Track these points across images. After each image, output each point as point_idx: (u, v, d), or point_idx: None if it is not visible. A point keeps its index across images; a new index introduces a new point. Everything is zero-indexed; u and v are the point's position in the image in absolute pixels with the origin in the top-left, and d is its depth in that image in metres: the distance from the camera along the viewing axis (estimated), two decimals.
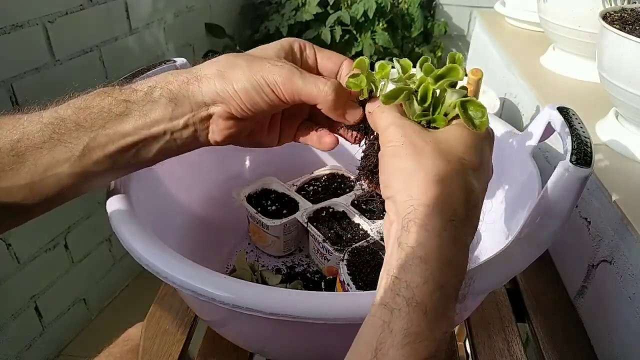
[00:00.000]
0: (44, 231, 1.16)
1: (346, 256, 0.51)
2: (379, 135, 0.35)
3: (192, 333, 0.54)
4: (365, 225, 0.60)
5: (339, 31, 1.71)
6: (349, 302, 0.33)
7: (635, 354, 0.48)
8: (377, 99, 0.37)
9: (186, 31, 1.61)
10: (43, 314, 1.20)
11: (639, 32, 0.56)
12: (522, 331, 0.54)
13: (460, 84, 0.36)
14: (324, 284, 0.59)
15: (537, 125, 0.50)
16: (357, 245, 0.53)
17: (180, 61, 0.56)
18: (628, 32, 0.54)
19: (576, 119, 0.45)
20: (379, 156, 0.34)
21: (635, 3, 0.66)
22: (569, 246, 0.61)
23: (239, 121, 0.39)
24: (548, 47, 0.92)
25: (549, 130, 0.49)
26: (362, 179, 0.40)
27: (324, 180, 0.69)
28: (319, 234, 0.58)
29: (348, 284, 0.48)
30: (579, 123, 0.45)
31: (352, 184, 0.68)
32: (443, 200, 0.30)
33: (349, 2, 1.76)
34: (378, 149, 0.35)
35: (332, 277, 0.59)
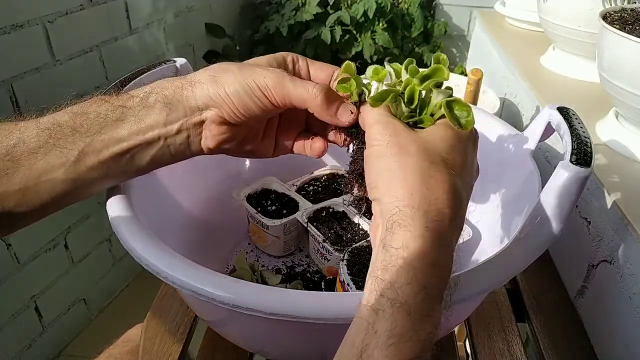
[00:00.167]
0: (44, 231, 1.16)
1: (346, 256, 0.51)
2: None
3: (192, 333, 0.54)
4: (365, 225, 0.60)
5: (339, 31, 1.71)
6: (348, 302, 0.33)
7: (636, 354, 0.48)
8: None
9: (186, 31, 1.61)
10: (43, 314, 1.20)
11: (639, 32, 0.56)
12: (522, 331, 0.54)
13: (446, 84, 0.36)
14: (324, 284, 0.59)
15: (537, 125, 0.50)
16: (357, 245, 0.53)
17: (180, 61, 0.56)
18: (628, 32, 0.54)
19: (576, 119, 0.45)
20: (365, 155, 0.34)
21: (635, 3, 0.66)
22: (569, 246, 0.61)
23: (232, 127, 0.39)
24: (548, 47, 0.92)
25: (549, 130, 0.49)
26: (352, 183, 0.40)
27: (324, 180, 0.69)
28: (319, 234, 0.58)
29: (348, 284, 0.48)
30: (579, 123, 0.45)
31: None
32: (427, 200, 0.30)
33: (349, 2, 1.76)
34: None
35: (332, 277, 0.59)
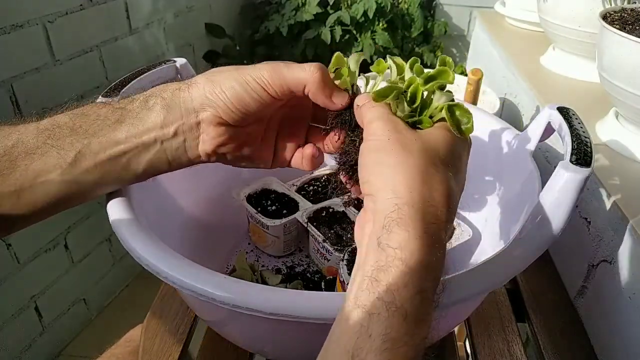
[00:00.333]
0: (44, 231, 1.16)
1: (346, 256, 0.51)
2: (362, 131, 0.35)
3: (192, 333, 0.54)
4: None
5: (339, 31, 1.71)
6: None
7: (635, 353, 0.48)
8: (366, 94, 0.37)
9: (186, 31, 1.61)
10: (43, 314, 1.20)
11: (639, 32, 0.56)
12: (522, 331, 0.54)
13: (449, 87, 0.36)
14: (324, 284, 0.59)
15: (537, 125, 0.50)
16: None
17: (180, 61, 0.56)
18: (628, 32, 0.54)
19: (576, 119, 0.45)
20: (360, 149, 0.34)
21: (635, 3, 0.66)
22: (569, 246, 0.61)
23: (229, 128, 0.38)
24: (548, 47, 0.92)
25: (549, 130, 0.49)
26: (341, 175, 0.39)
27: (324, 180, 0.69)
28: (319, 234, 0.58)
29: (348, 284, 0.48)
30: (579, 123, 0.45)
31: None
32: (427, 201, 0.29)
33: (349, 2, 1.76)
34: (360, 145, 0.34)
35: (332, 277, 0.59)
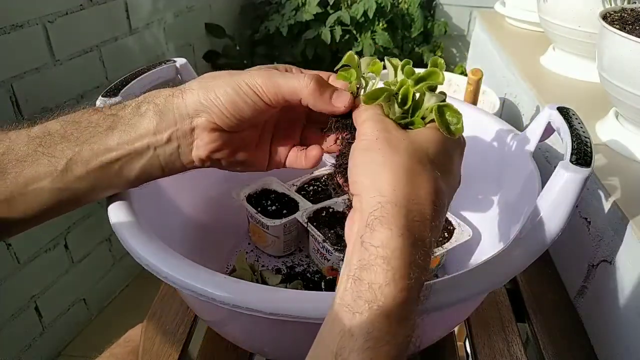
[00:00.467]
0: (44, 231, 1.16)
1: None
2: None
3: (192, 333, 0.54)
4: None
5: (339, 31, 1.71)
6: None
7: (636, 354, 0.48)
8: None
9: (186, 31, 1.61)
10: (43, 314, 1.20)
11: (639, 32, 0.56)
12: (522, 331, 0.54)
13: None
14: (324, 284, 0.59)
15: (537, 125, 0.50)
16: None
17: (180, 61, 0.56)
18: (628, 32, 0.54)
19: (576, 119, 0.45)
20: (351, 150, 0.34)
21: (635, 3, 0.66)
22: (569, 246, 0.61)
23: (223, 134, 0.38)
24: (548, 47, 0.92)
25: (549, 130, 0.49)
26: (337, 178, 0.40)
27: (324, 180, 0.69)
28: (319, 234, 0.58)
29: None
30: (579, 123, 0.45)
31: None
32: (410, 199, 0.29)
33: (349, 2, 1.76)
34: None
35: (332, 277, 0.59)
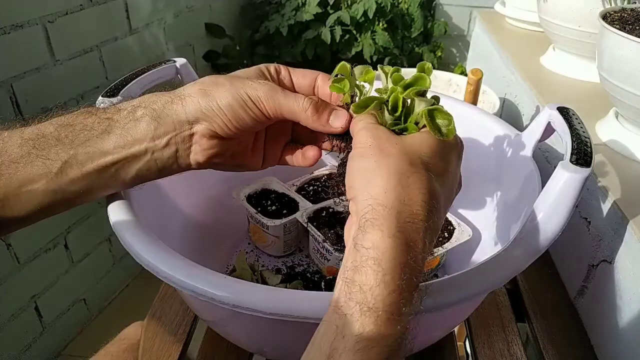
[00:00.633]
0: (44, 231, 1.16)
1: None
2: None
3: (192, 333, 0.54)
4: None
5: (339, 31, 1.71)
6: None
7: (636, 354, 0.48)
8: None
9: (186, 31, 1.61)
10: (43, 314, 1.20)
11: (639, 32, 0.56)
12: (522, 331, 0.54)
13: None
14: (324, 284, 0.59)
15: (537, 125, 0.50)
16: None
17: (180, 61, 0.56)
18: (628, 32, 0.54)
19: (576, 119, 0.45)
20: (348, 158, 0.34)
21: (635, 3, 0.66)
22: (569, 246, 0.61)
23: (222, 141, 0.39)
24: (548, 47, 0.92)
25: (549, 130, 0.49)
26: (340, 186, 0.40)
27: (324, 180, 0.69)
28: (319, 234, 0.58)
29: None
30: (579, 123, 0.45)
31: None
32: (401, 201, 0.30)
33: (349, 2, 1.76)
34: None
35: (332, 277, 0.59)
